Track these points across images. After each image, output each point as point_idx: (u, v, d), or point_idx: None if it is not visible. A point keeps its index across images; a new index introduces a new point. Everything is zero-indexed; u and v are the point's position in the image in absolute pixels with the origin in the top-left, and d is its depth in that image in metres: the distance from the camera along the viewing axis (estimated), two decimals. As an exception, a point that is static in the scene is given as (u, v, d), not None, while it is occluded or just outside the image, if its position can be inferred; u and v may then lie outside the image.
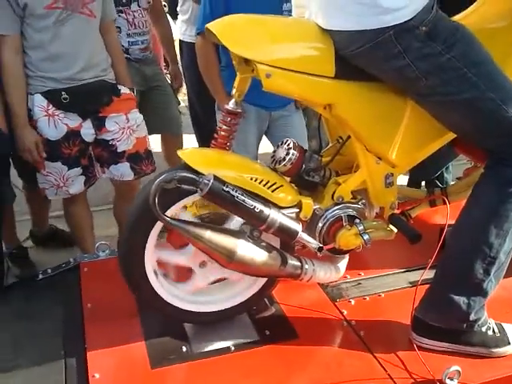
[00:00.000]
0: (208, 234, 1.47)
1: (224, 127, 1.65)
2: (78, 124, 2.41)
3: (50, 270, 2.09)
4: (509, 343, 1.61)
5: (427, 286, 1.64)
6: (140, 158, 2.60)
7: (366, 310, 1.79)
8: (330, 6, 1.47)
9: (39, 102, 2.34)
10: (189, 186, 1.46)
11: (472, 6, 1.74)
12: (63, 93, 2.34)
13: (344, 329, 1.72)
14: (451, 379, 1.47)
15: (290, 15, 2.63)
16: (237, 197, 1.46)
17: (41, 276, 2.07)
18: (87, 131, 2.44)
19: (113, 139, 2.50)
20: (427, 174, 2.95)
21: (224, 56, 2.57)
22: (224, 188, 1.45)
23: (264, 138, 2.99)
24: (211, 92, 2.78)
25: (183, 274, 1.69)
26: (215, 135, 1.67)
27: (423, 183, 3.19)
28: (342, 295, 1.88)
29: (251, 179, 1.53)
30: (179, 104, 3.85)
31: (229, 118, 1.64)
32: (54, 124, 2.36)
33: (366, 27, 1.42)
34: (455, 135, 1.64)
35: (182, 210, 1.61)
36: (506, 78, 1.51)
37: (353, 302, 1.84)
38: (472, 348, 1.60)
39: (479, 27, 1.60)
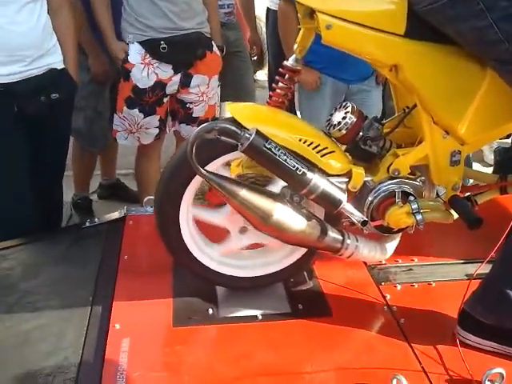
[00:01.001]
0: (243, 192, 1.38)
1: (280, 84, 1.55)
2: (167, 77, 2.44)
3: (97, 220, 2.11)
4: None
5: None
6: None
7: (411, 298, 1.65)
8: None
9: (137, 51, 2.40)
10: (229, 138, 1.38)
11: None
12: (162, 42, 2.37)
13: (383, 313, 1.59)
14: (492, 382, 1.30)
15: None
16: (278, 155, 1.35)
17: (87, 224, 2.08)
18: (172, 87, 2.48)
19: (191, 103, 2.56)
20: (512, 169, 2.69)
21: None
22: (266, 144, 1.35)
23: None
24: (287, 57, 2.66)
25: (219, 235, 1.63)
26: (270, 93, 1.57)
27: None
28: (389, 279, 1.74)
29: (300, 140, 1.43)
30: (255, 73, 3.78)
31: (287, 75, 1.54)
32: (147, 73, 2.41)
33: (445, -22, 1.26)
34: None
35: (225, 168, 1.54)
36: None
37: (399, 287, 1.70)
38: None
39: None
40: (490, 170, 2.91)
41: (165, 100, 2.51)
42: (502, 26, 1.26)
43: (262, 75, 4.63)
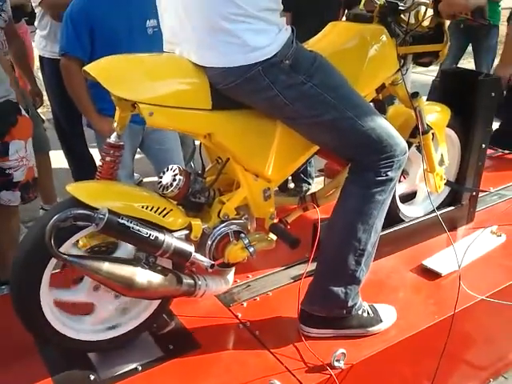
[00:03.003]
0: (106, 266, 1.52)
1: (108, 159, 1.69)
2: None
3: None
4: (381, 321, 1.88)
5: (309, 278, 1.84)
6: (29, 187, 2.66)
7: (257, 310, 1.97)
8: (203, 46, 1.59)
9: None
10: (84, 221, 1.51)
11: (321, 33, 1.98)
12: None
13: (241, 331, 1.88)
14: (338, 361, 1.71)
15: (156, 31, 2.71)
16: (132, 228, 1.52)
17: None
18: None
19: (10, 168, 2.53)
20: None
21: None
22: (119, 220, 1.50)
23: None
24: (82, 113, 2.79)
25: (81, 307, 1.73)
26: (99, 167, 1.71)
27: (290, 177, 3.47)
28: (235, 299, 2.04)
29: (142, 207, 1.61)
30: (44, 122, 3.77)
31: (112, 151, 1.69)
32: None
33: (236, 64, 1.57)
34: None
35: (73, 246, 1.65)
36: (358, 96, 1.76)
37: (245, 304, 2.01)
38: (352, 330, 1.84)
39: (331, 51, 1.85)
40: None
41: None
42: (285, 93, 1.62)
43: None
